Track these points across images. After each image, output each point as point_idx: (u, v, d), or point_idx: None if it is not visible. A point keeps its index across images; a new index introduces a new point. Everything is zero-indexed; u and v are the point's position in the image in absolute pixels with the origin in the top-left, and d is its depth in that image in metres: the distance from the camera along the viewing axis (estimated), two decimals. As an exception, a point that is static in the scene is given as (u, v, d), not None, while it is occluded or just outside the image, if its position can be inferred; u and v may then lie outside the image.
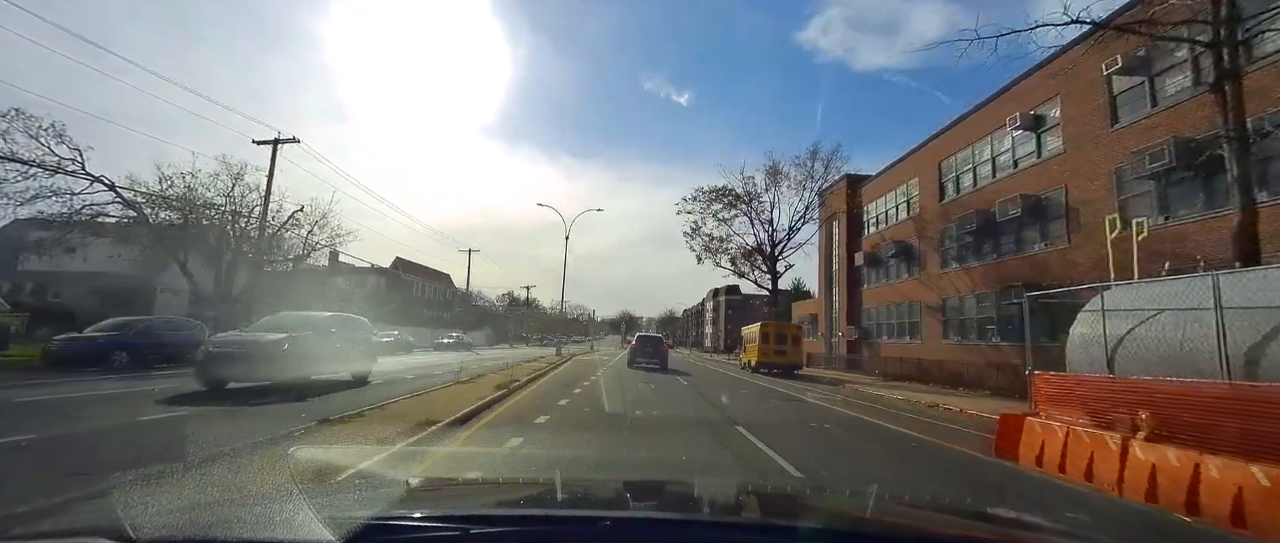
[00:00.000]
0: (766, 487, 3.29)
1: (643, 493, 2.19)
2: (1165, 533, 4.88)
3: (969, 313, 22.23)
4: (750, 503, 2.09)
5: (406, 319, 43.75)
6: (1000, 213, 19.67)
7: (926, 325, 25.09)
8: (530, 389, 12.83)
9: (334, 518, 1.18)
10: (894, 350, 27.50)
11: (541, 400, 11.13)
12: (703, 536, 1.41)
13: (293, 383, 10.73)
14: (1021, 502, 5.55)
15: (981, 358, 21.04)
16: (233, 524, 1.23)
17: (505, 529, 1.27)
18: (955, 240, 23.21)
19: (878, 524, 1.67)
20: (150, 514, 1.30)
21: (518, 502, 1.79)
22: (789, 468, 6.27)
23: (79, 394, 9.52)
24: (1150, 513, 5.31)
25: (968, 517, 1.97)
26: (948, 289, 23.55)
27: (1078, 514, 5.16)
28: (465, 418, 8.26)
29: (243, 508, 1.49)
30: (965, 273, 22.40)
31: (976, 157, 22.25)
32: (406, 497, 1.73)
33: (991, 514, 2.11)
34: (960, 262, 22.91)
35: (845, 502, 2.22)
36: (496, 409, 9.62)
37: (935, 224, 24.71)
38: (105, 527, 1.10)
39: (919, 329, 25.71)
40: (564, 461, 6.13)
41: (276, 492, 3.42)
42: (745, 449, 7.20)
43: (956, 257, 23.21)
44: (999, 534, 1.69)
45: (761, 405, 12.25)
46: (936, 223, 24.63)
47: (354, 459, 5.21)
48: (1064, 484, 6.31)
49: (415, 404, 9.17)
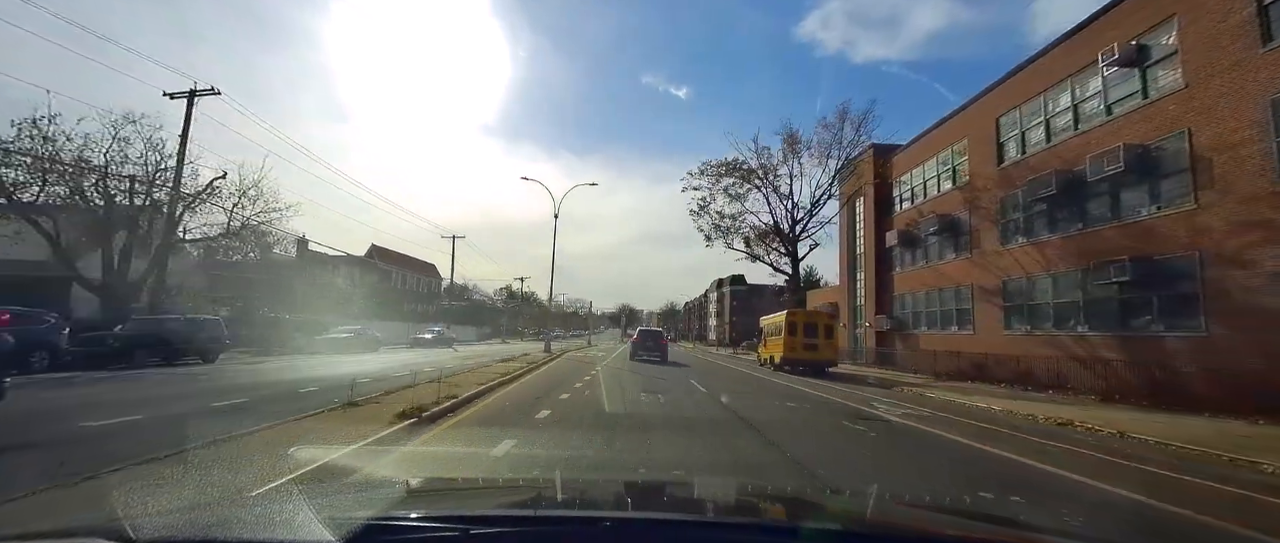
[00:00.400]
0: (767, 487, 3.23)
1: (643, 493, 2.22)
2: (1167, 532, 4.33)
3: (1040, 297, 18.34)
4: (751, 504, 2.10)
5: (385, 313, 39.82)
6: (1092, 170, 15.74)
7: (981, 313, 21.20)
8: (473, 409, 8.96)
9: (334, 518, 1.17)
10: (936, 343, 23.63)
11: (495, 418, 7.34)
12: (703, 536, 1.39)
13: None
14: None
15: (1058, 351, 17.18)
16: (233, 524, 1.23)
17: (505, 530, 1.26)
18: (1021, 210, 19.27)
19: (878, 525, 1.65)
20: (150, 514, 1.38)
21: (518, 502, 1.81)
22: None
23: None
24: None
25: (968, 517, 1.95)
26: (1010, 269, 19.65)
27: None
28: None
29: (243, 508, 1.56)
30: (1035, 249, 18.48)
31: (1050, 106, 18.27)
32: (406, 497, 1.74)
33: (992, 515, 2.20)
34: (1028, 235, 18.99)
35: (846, 502, 2.26)
36: (385, 457, 5.74)
37: (992, 192, 20.76)
38: (105, 527, 1.11)
39: (970, 318, 21.82)
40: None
41: (276, 492, 3.48)
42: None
43: (1023, 230, 19.28)
44: (999, 534, 1.65)
45: (837, 439, 7.69)
46: (993, 191, 20.69)
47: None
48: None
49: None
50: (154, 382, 11.76)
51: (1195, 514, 4.74)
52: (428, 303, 46.74)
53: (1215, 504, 5.22)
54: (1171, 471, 6.60)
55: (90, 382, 11.40)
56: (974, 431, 8.93)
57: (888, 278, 28.63)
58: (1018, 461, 6.79)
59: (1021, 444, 7.87)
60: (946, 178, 24.16)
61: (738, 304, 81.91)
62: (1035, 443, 8.00)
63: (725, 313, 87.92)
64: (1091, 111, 16.74)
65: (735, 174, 29.93)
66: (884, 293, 28.81)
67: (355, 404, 8.06)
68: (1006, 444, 7.79)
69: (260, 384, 11.98)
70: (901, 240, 26.67)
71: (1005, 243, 20.03)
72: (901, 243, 26.76)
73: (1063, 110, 17.77)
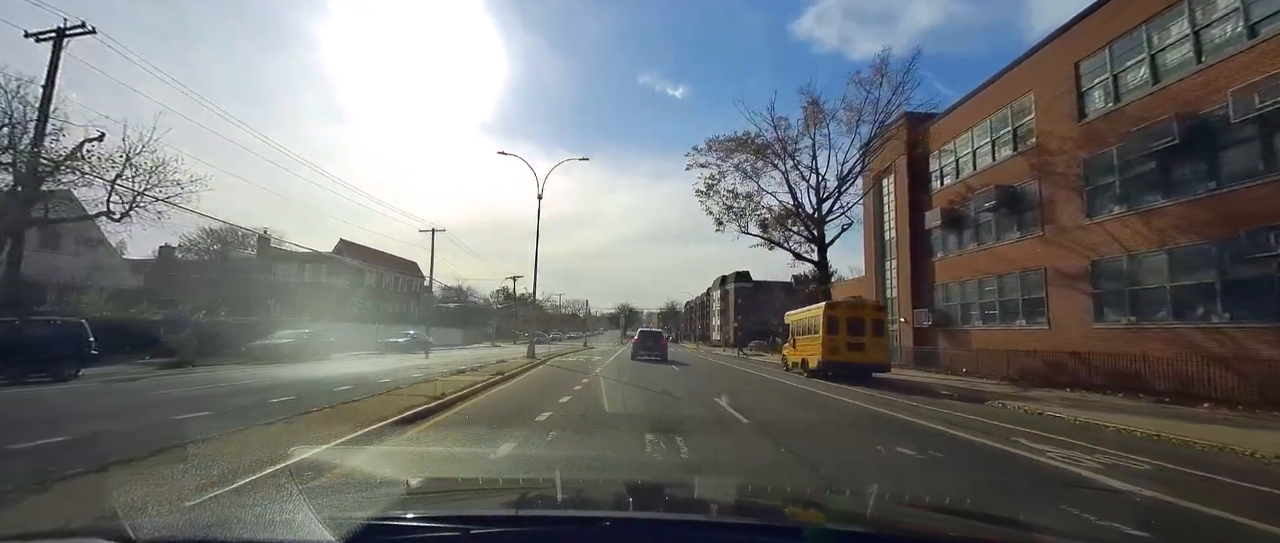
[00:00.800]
0: (767, 488, 3.16)
1: (643, 494, 2.21)
2: (1170, 531, 4.10)
3: (1150, 280, 14.47)
4: (751, 504, 2.05)
5: (360, 314, 35.76)
6: (1236, 108, 11.89)
7: (1059, 302, 17.33)
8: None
9: (334, 519, 1.15)
10: (993, 340, 19.78)
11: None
12: (704, 536, 1.37)
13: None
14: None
15: (1181, 348, 13.32)
16: (232, 525, 1.21)
17: (505, 530, 1.25)
18: (1117, 172, 15.40)
19: (878, 524, 1.61)
20: (150, 514, 1.42)
21: (518, 502, 1.76)
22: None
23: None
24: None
25: (968, 517, 1.91)
26: (1101, 247, 15.78)
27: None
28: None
29: (243, 508, 1.53)
30: (1140, 219, 14.61)
31: (1155, 40, 14.41)
32: (406, 497, 1.72)
33: (992, 515, 2.19)
34: (1127, 203, 15.13)
35: (846, 502, 2.29)
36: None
37: (1071, 154, 16.90)
38: (105, 527, 1.11)
39: (1042, 308, 17.95)
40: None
41: (276, 492, 3.45)
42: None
43: (1119, 197, 15.41)
44: (1000, 535, 1.63)
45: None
46: (1073, 152, 16.82)
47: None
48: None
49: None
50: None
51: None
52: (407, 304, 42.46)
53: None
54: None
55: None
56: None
57: (926, 266, 24.74)
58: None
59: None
60: (1004, 143, 20.29)
61: (743, 302, 77.91)
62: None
63: (729, 312, 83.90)
64: (1224, 38, 12.86)
65: (747, 150, 25.88)
66: (922, 284, 24.91)
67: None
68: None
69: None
70: (945, 221, 22.79)
71: (1092, 215, 16.15)
72: (945, 224, 22.87)
73: (1176, 41, 13.89)
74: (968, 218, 21.87)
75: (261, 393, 10.77)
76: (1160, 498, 4.91)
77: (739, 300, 79.86)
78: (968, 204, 21.69)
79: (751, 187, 26.60)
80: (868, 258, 30.17)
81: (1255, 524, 4.34)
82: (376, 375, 15.04)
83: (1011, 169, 19.62)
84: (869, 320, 17.23)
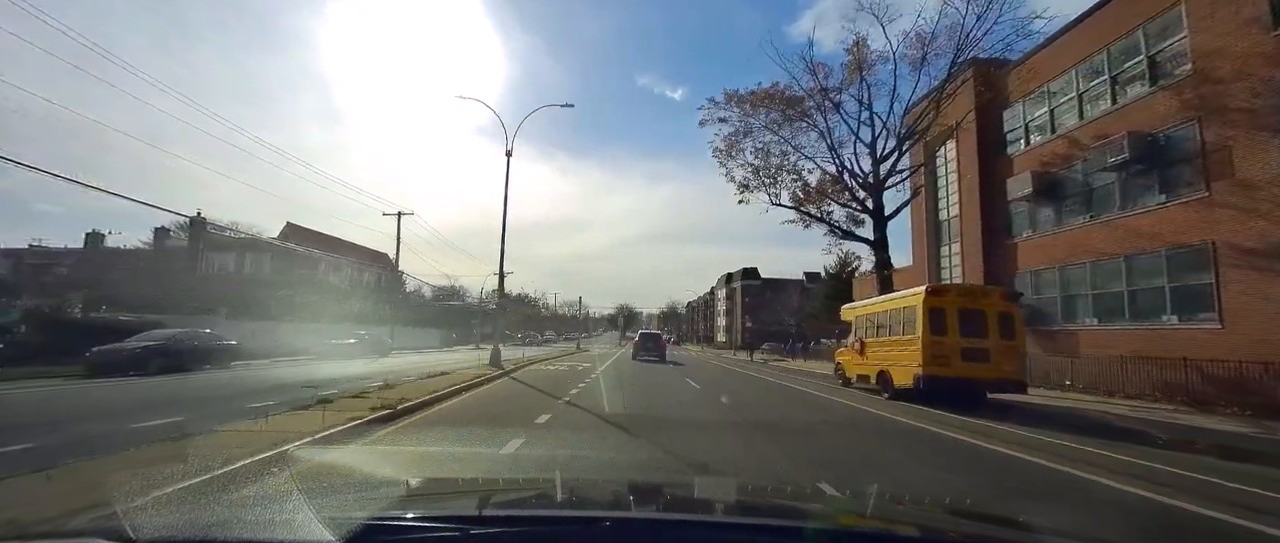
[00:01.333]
0: (767, 487, 3.14)
1: (643, 494, 2.17)
2: (1170, 530, 4.11)
3: None
4: (751, 504, 2.04)
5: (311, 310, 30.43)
6: None
7: (1239, 290, 12.15)
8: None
9: (334, 519, 1.13)
10: (1114, 343, 14.65)
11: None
12: (704, 536, 1.35)
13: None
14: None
15: None
16: (233, 525, 1.20)
17: (505, 530, 1.24)
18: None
19: (878, 524, 1.60)
20: (150, 515, 1.26)
21: (518, 502, 1.76)
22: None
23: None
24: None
25: (968, 517, 1.89)
26: (1331, 205, 10.59)
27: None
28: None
29: (243, 508, 1.56)
30: None
31: None
32: (406, 497, 1.70)
33: (992, 515, 2.19)
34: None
35: (846, 502, 2.26)
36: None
37: (1261, 75, 11.74)
38: (105, 527, 1.09)
39: (1209, 299, 12.77)
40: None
41: (276, 492, 3.48)
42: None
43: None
44: (999, 534, 1.62)
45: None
46: (1266, 72, 11.66)
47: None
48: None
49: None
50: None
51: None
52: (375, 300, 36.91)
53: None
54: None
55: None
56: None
57: (1004, 249, 19.55)
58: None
59: None
60: (1134, 77, 15.09)
61: (752, 301, 72.53)
62: None
63: (737, 312, 78.56)
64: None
65: (777, 103, 20.55)
66: (998, 273, 19.67)
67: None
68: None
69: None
70: (1037, 188, 17.60)
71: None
72: (1037, 193, 17.69)
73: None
74: (1072, 183, 16.69)
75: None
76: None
77: (747, 300, 74.51)
78: (1074, 165, 16.51)
79: (785, 148, 21.25)
80: (918, 242, 24.92)
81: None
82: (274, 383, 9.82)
83: (1147, 111, 14.42)
84: (994, 315, 11.71)
